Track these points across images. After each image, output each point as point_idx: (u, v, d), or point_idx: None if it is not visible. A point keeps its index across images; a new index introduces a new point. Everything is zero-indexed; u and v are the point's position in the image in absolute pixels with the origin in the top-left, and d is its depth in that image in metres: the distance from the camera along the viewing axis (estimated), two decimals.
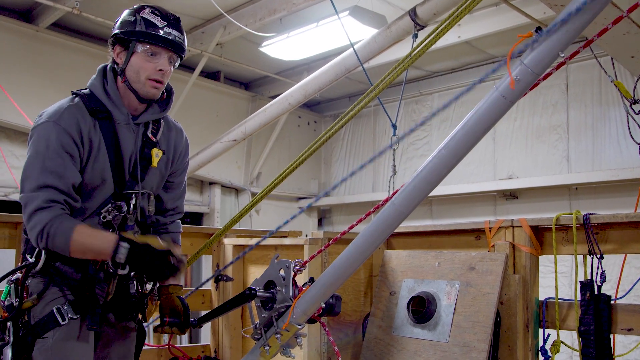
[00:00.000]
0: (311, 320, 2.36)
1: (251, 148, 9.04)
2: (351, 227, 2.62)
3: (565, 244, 2.96)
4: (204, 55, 7.20)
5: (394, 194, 2.11)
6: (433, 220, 8.24)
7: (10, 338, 2.20)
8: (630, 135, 4.29)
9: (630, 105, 3.98)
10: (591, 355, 2.76)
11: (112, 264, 2.21)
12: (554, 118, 7.23)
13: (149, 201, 2.43)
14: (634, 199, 3.93)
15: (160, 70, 2.29)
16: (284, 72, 8.43)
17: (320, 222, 9.87)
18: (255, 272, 3.92)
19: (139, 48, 2.27)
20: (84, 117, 2.26)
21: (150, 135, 2.40)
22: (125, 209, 2.33)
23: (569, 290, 5.05)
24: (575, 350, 2.89)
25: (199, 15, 6.86)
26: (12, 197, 6.68)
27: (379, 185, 8.99)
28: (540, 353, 2.98)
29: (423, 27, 5.03)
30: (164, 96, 2.44)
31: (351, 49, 5.38)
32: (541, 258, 3.10)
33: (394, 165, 5.16)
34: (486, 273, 3.01)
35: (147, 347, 3.95)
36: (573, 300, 2.91)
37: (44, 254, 2.24)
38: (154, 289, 2.52)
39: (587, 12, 1.69)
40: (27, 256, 2.29)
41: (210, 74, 8.66)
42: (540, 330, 3.02)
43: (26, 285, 2.24)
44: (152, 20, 2.27)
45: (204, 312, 2.88)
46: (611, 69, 5.43)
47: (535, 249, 3.03)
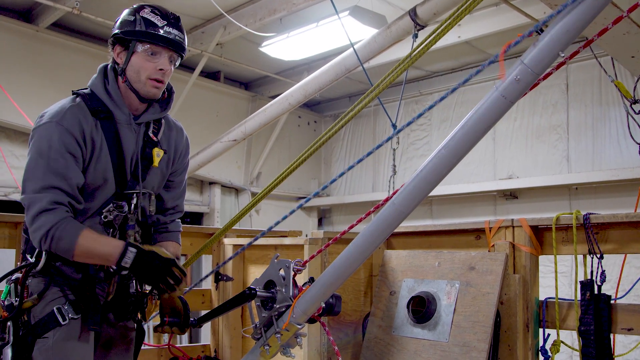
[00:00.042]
0: (311, 320, 2.36)
1: (251, 148, 9.04)
2: (351, 227, 2.62)
3: (565, 244, 2.96)
4: (204, 55, 7.20)
5: (394, 193, 2.11)
6: (433, 220, 8.24)
7: (10, 338, 2.19)
8: (630, 135, 4.29)
9: (630, 105, 3.99)
10: (591, 355, 2.76)
11: (117, 269, 2.21)
12: (554, 118, 7.23)
13: (150, 201, 2.43)
14: (634, 198, 3.93)
15: (161, 69, 2.28)
16: (284, 72, 8.42)
17: (320, 222, 9.87)
18: (255, 272, 3.92)
19: (139, 48, 2.25)
20: (86, 118, 2.25)
21: (152, 135, 2.40)
22: (126, 209, 2.32)
23: (569, 290, 5.06)
24: (576, 350, 2.89)
25: (199, 15, 6.86)
26: (12, 197, 6.67)
27: (379, 185, 8.99)
28: (540, 353, 2.98)
29: (423, 27, 5.03)
30: (164, 95, 2.43)
31: (351, 49, 5.37)
32: (541, 258, 3.10)
33: (394, 165, 5.16)
34: (486, 273, 3.01)
35: (147, 347, 3.95)
36: (573, 300, 2.91)
37: (45, 254, 2.23)
38: (153, 289, 2.52)
39: (586, 8, 1.68)
40: (27, 256, 2.29)
41: (210, 74, 8.66)
42: (540, 330, 3.02)
43: (26, 285, 2.24)
44: (152, 19, 2.26)
45: (204, 312, 2.87)
46: (611, 68, 5.42)
47: (535, 249, 3.03)
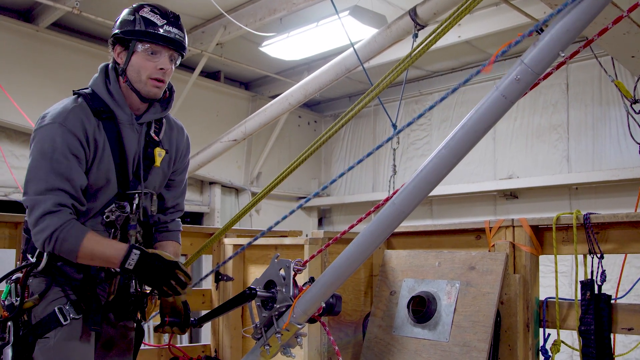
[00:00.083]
0: (311, 320, 2.36)
1: (251, 148, 9.03)
2: (351, 227, 2.62)
3: (566, 244, 2.96)
4: (204, 55, 7.20)
5: (394, 193, 2.11)
6: (433, 219, 8.23)
7: (10, 338, 2.19)
8: (631, 134, 4.29)
9: (630, 105, 3.99)
10: (591, 354, 2.76)
11: (121, 271, 2.20)
12: (554, 118, 7.23)
13: (152, 201, 2.42)
14: (634, 198, 3.93)
15: (161, 69, 2.26)
16: (284, 72, 8.42)
17: (320, 222, 9.87)
18: (255, 272, 3.92)
19: (139, 47, 2.24)
20: (89, 118, 2.23)
21: (153, 135, 2.39)
22: (128, 209, 2.32)
23: (569, 290, 5.06)
24: (576, 349, 2.89)
25: (199, 15, 6.86)
26: (12, 197, 6.67)
27: (379, 185, 8.99)
28: (540, 353, 2.98)
29: (423, 27, 5.03)
30: (166, 95, 2.42)
31: (351, 49, 5.38)
32: (541, 258, 3.10)
33: (394, 165, 5.17)
34: (486, 273, 3.01)
35: (148, 347, 3.95)
36: (573, 299, 2.91)
37: (46, 254, 2.23)
38: (153, 290, 2.52)
39: (587, 8, 1.68)
40: (28, 255, 2.28)
41: (211, 74, 8.66)
42: (541, 329, 3.01)
43: (27, 285, 2.23)
44: (152, 18, 2.25)
45: (204, 312, 2.87)
46: (611, 68, 5.42)
47: (536, 249, 3.03)
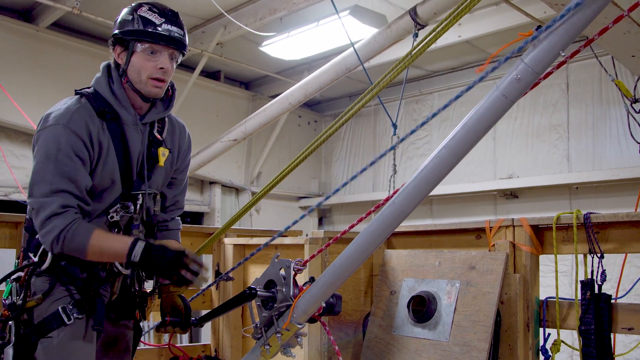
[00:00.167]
0: (312, 320, 2.36)
1: (251, 147, 9.04)
2: (351, 227, 2.62)
3: (566, 243, 2.95)
4: (204, 55, 7.20)
5: (395, 193, 2.11)
6: (433, 219, 8.24)
7: (11, 337, 2.18)
8: (631, 134, 4.28)
9: (630, 104, 3.99)
10: (592, 354, 2.76)
11: (127, 264, 2.19)
12: (555, 117, 7.23)
13: (155, 201, 2.42)
14: (635, 198, 3.93)
15: (161, 68, 2.25)
16: (284, 72, 8.42)
17: (320, 222, 9.87)
18: (255, 272, 3.91)
19: (138, 47, 2.23)
20: (92, 119, 2.22)
21: (157, 134, 2.39)
22: (132, 209, 2.32)
23: (569, 290, 5.06)
24: (576, 349, 2.89)
25: (199, 15, 6.86)
26: (13, 197, 6.67)
27: (379, 184, 8.99)
28: (540, 352, 2.97)
29: (423, 27, 5.04)
30: (168, 93, 2.41)
31: (351, 49, 5.38)
32: (541, 257, 3.10)
33: (394, 165, 5.17)
34: (487, 272, 3.01)
35: (148, 347, 3.95)
36: (573, 299, 2.91)
37: (51, 253, 2.21)
38: (155, 289, 2.52)
39: (587, 9, 1.68)
40: (30, 254, 2.27)
41: (211, 74, 8.66)
42: (541, 329, 3.01)
43: (29, 284, 2.22)
44: (150, 17, 2.23)
45: (204, 312, 2.88)
46: (612, 68, 5.42)
47: (536, 248, 3.02)
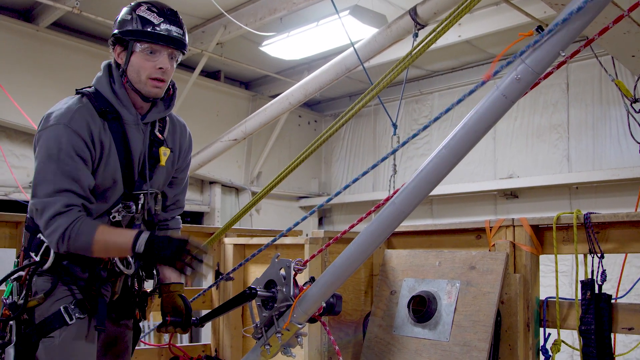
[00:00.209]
0: (312, 320, 2.36)
1: (251, 147, 9.04)
2: (352, 227, 2.62)
3: (566, 243, 2.95)
4: (204, 55, 7.20)
5: (395, 193, 2.11)
6: (434, 219, 8.24)
7: (12, 337, 2.17)
8: (631, 134, 4.28)
9: (630, 104, 3.98)
10: (592, 354, 2.76)
11: (132, 255, 2.15)
12: (555, 117, 7.23)
13: (156, 200, 2.42)
14: (635, 198, 3.93)
15: (160, 68, 2.23)
16: (284, 72, 8.42)
17: (320, 222, 9.87)
18: (255, 272, 3.91)
19: (138, 47, 2.22)
20: (94, 119, 2.21)
21: (158, 134, 2.38)
22: (134, 209, 2.32)
23: (569, 290, 5.06)
24: (576, 349, 2.89)
25: (199, 15, 6.86)
26: (13, 197, 6.67)
27: (380, 184, 8.99)
28: (541, 352, 2.97)
29: (423, 27, 5.04)
30: (169, 92, 2.40)
31: (351, 48, 5.38)
32: (542, 257, 3.10)
33: (395, 165, 5.17)
34: (487, 272, 3.01)
35: (148, 347, 3.95)
36: (574, 299, 2.91)
37: (53, 253, 2.21)
38: (155, 289, 2.52)
39: (588, 11, 1.69)
40: (32, 254, 2.26)
41: (211, 74, 8.65)
42: (541, 329, 3.01)
43: (31, 283, 2.21)
44: (148, 17, 2.22)
45: (204, 312, 2.88)
46: (612, 68, 5.42)
47: (536, 248, 3.02)
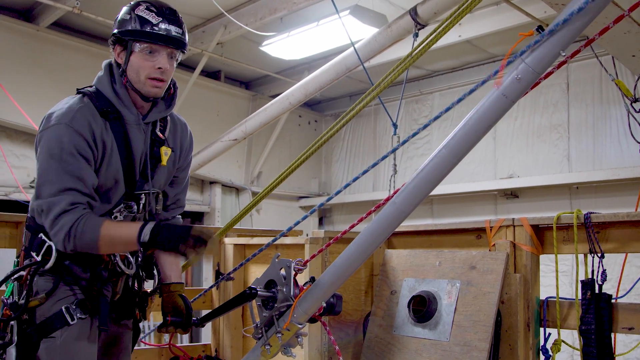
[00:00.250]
0: (312, 320, 2.36)
1: (252, 147, 9.03)
2: (352, 227, 2.62)
3: (566, 243, 2.95)
4: (205, 55, 7.20)
5: (395, 193, 2.11)
6: (434, 219, 8.24)
7: (14, 337, 2.16)
8: (631, 134, 4.28)
9: (631, 104, 3.98)
10: (592, 354, 2.76)
11: (139, 245, 2.12)
12: (555, 117, 7.23)
13: (157, 200, 2.42)
14: (635, 198, 3.93)
15: (159, 68, 2.22)
16: (284, 71, 8.42)
17: (320, 221, 9.87)
18: (255, 272, 3.91)
19: (137, 47, 2.21)
20: (95, 119, 2.20)
21: (159, 133, 2.38)
22: (135, 209, 2.32)
23: (569, 289, 5.05)
24: (576, 349, 2.89)
25: (200, 15, 6.86)
26: (13, 197, 6.67)
27: (380, 184, 8.99)
28: (541, 352, 2.98)
29: (424, 27, 5.04)
30: (170, 92, 2.39)
31: (352, 48, 5.38)
32: (542, 257, 3.10)
33: (395, 165, 5.17)
34: (487, 272, 3.01)
35: (148, 347, 3.95)
36: (574, 299, 2.91)
37: (55, 252, 2.20)
38: (156, 289, 2.52)
39: (589, 12, 1.69)
40: (33, 254, 2.25)
41: (211, 73, 8.65)
42: (541, 329, 3.01)
43: (32, 283, 2.20)
44: (147, 17, 2.20)
45: (204, 312, 2.88)
46: (612, 67, 5.42)
47: (536, 248, 3.02)
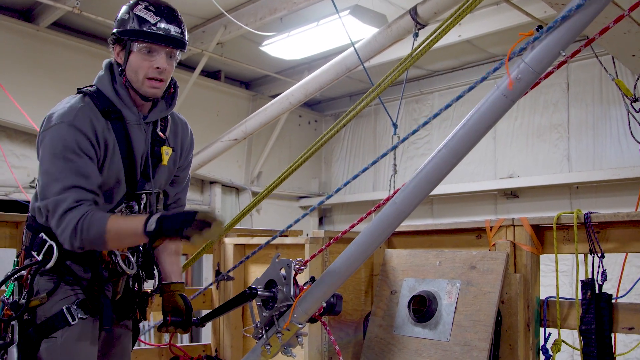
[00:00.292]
0: (312, 320, 2.36)
1: (252, 147, 9.03)
2: (352, 226, 2.62)
3: (566, 243, 2.95)
4: (205, 55, 7.20)
5: (395, 193, 2.11)
6: (434, 219, 8.23)
7: (15, 337, 2.15)
8: (631, 133, 4.27)
9: (631, 103, 3.98)
10: (592, 354, 2.76)
11: (145, 234, 2.04)
12: (555, 117, 7.23)
13: (158, 199, 2.41)
14: (635, 197, 3.92)
15: (158, 68, 2.21)
16: (284, 71, 8.42)
17: (321, 221, 9.87)
18: (256, 272, 3.91)
19: (135, 47, 2.20)
20: (97, 118, 2.20)
21: (160, 133, 2.37)
22: (136, 209, 2.31)
23: (570, 289, 5.05)
24: (576, 349, 2.89)
25: (200, 15, 6.86)
26: (13, 197, 6.67)
27: (380, 184, 8.99)
28: (541, 352, 2.98)
29: (424, 26, 5.03)
30: (170, 91, 2.39)
31: (352, 48, 5.37)
32: (542, 257, 3.10)
33: (395, 165, 5.17)
34: (487, 272, 3.01)
35: (148, 347, 3.95)
36: (574, 299, 2.91)
37: (56, 252, 2.19)
38: (157, 289, 2.52)
39: (588, 9, 1.69)
40: (34, 253, 2.24)
41: (211, 73, 8.65)
42: (541, 329, 3.01)
43: (32, 283, 2.19)
44: (144, 16, 2.19)
45: (205, 311, 2.88)
46: (612, 67, 5.42)
47: (536, 248, 3.02)
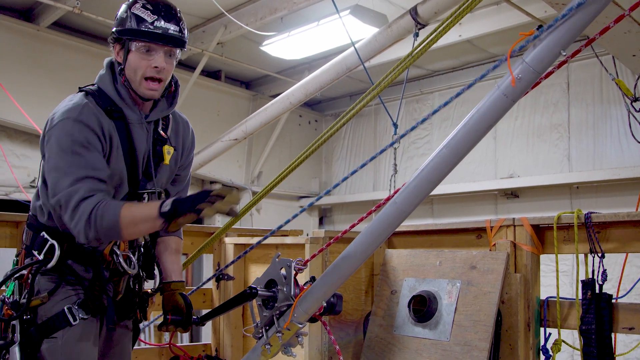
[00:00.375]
0: (312, 319, 2.36)
1: (252, 147, 9.03)
2: (352, 226, 2.62)
3: (567, 243, 2.95)
4: (205, 55, 7.20)
5: (395, 192, 2.12)
6: (434, 219, 8.23)
7: (16, 337, 2.15)
8: (632, 133, 4.28)
9: (631, 103, 3.98)
10: (592, 354, 2.76)
11: (159, 216, 2.01)
12: (555, 117, 7.23)
13: (159, 198, 2.40)
14: (635, 197, 3.93)
15: (156, 67, 2.19)
16: (284, 71, 8.42)
17: (321, 221, 9.87)
18: (256, 271, 3.92)
19: (133, 46, 2.19)
20: (102, 114, 2.20)
21: (162, 132, 2.36)
22: None
23: (570, 289, 5.05)
24: (577, 349, 2.89)
25: (200, 14, 6.86)
26: (13, 196, 6.67)
27: (380, 184, 8.99)
28: (541, 352, 2.98)
29: (424, 26, 5.04)
30: (171, 89, 2.38)
31: (352, 48, 5.37)
32: (542, 257, 3.10)
33: (395, 164, 5.17)
34: (487, 272, 3.01)
35: (148, 346, 3.95)
36: (574, 299, 2.91)
37: (58, 251, 2.19)
38: (158, 288, 2.51)
39: (589, 9, 1.68)
40: (34, 252, 2.24)
41: (211, 73, 8.65)
42: (542, 329, 3.01)
43: (33, 282, 2.18)
44: (142, 15, 2.17)
45: (205, 311, 2.88)
46: (612, 67, 5.41)
47: (537, 248, 3.02)
